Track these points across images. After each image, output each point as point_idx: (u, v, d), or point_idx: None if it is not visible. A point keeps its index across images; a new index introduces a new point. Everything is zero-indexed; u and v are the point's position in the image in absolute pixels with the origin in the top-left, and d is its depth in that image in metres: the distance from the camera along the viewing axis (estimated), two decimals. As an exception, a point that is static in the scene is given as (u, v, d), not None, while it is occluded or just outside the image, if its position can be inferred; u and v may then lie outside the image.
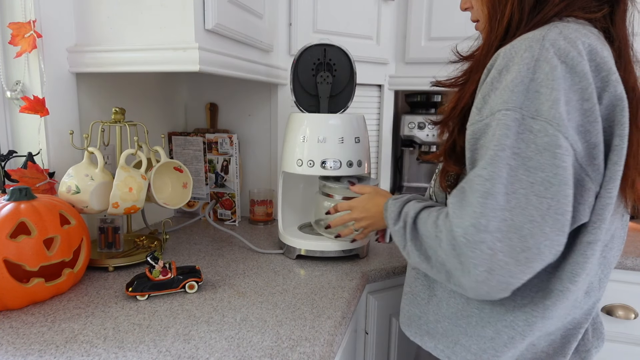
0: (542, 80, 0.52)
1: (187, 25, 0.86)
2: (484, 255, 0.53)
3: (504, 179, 0.52)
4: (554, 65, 0.52)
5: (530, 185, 0.52)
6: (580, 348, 0.68)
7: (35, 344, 0.63)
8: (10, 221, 0.72)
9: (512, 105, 0.53)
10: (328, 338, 0.67)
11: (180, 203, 1.02)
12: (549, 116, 0.51)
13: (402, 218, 0.68)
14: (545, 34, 0.54)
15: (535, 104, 0.52)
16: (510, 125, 0.53)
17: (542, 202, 0.51)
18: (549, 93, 0.51)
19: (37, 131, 0.94)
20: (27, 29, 0.88)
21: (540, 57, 0.53)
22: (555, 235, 0.52)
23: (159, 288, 0.79)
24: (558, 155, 0.51)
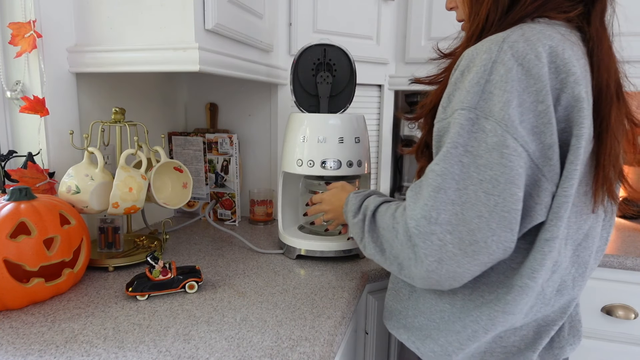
0: (496, 81, 0.54)
1: (187, 25, 0.86)
2: (434, 246, 0.56)
3: (456, 174, 0.55)
4: (510, 67, 0.53)
5: (480, 182, 0.54)
6: (554, 345, 0.69)
7: (35, 344, 0.63)
8: (10, 221, 0.72)
9: (467, 105, 0.55)
10: (328, 338, 0.67)
11: (180, 203, 1.02)
12: (499, 117, 0.53)
13: (361, 211, 0.71)
14: (506, 36, 0.55)
15: (489, 104, 0.54)
16: (464, 124, 0.55)
17: (489, 199, 0.54)
18: (502, 94, 0.53)
19: (37, 131, 0.94)
20: (27, 29, 0.88)
21: (497, 59, 0.54)
22: (502, 231, 0.55)
23: (159, 288, 0.79)
24: (505, 155, 0.53)
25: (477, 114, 0.54)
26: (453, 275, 0.58)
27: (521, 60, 0.54)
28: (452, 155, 0.55)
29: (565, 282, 0.65)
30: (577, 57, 0.56)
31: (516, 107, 0.53)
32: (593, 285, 1.10)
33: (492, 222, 0.54)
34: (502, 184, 0.53)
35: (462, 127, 0.55)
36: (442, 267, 0.57)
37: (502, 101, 0.53)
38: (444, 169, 0.55)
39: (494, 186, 0.54)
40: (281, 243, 1.06)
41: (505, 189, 0.53)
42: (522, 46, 0.54)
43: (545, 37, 0.55)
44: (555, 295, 0.65)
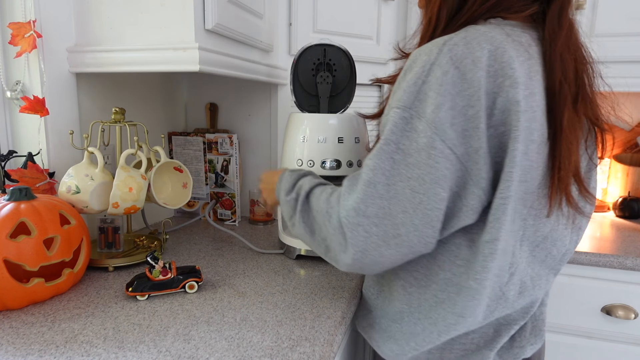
0: (432, 83, 0.55)
1: (187, 25, 0.86)
2: (360, 237, 0.59)
3: (387, 170, 0.57)
4: (446, 70, 0.54)
5: (407, 179, 0.56)
6: (515, 344, 0.70)
7: (35, 344, 0.63)
8: (10, 221, 0.72)
9: (403, 104, 0.57)
10: (328, 338, 0.67)
11: (180, 203, 1.02)
12: (431, 119, 0.54)
13: (295, 190, 0.72)
14: (448, 39, 0.56)
15: (423, 105, 0.55)
16: (398, 122, 0.57)
17: (415, 196, 0.56)
18: (435, 97, 0.54)
19: (37, 131, 0.94)
20: (27, 29, 0.88)
21: (436, 62, 0.55)
22: (424, 227, 0.58)
23: (159, 288, 0.79)
24: (432, 156, 0.55)
25: (412, 114, 0.56)
26: (375, 263, 0.62)
27: (458, 63, 0.54)
28: (385, 151, 0.57)
29: (525, 283, 0.65)
30: (523, 58, 0.56)
31: (448, 110, 0.54)
32: (593, 285, 1.10)
33: (415, 219, 0.57)
34: (428, 183, 0.56)
35: (396, 125, 0.57)
36: (366, 257, 0.60)
37: (435, 103, 0.54)
38: (376, 164, 0.58)
39: (420, 184, 0.56)
40: (281, 243, 1.06)
41: (430, 188, 0.56)
42: (460, 50, 0.55)
43: (486, 39, 0.55)
44: (517, 297, 0.65)
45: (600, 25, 1.25)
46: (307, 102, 1.05)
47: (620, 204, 1.44)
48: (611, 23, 1.25)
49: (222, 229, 1.13)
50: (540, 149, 0.58)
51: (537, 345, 0.71)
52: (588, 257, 1.08)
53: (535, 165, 0.59)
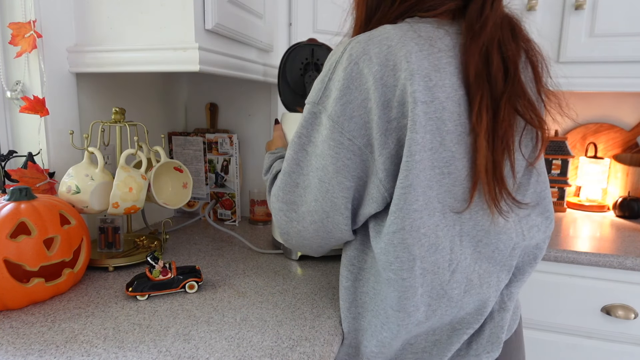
0: (335, 80, 0.59)
1: (187, 26, 0.86)
2: (283, 222, 0.69)
3: (300, 161, 0.63)
4: (345, 67, 0.58)
5: (316, 169, 0.62)
6: (470, 352, 0.67)
7: (35, 344, 0.63)
8: (11, 221, 0.72)
9: (312, 100, 0.62)
10: (328, 338, 0.67)
11: (180, 203, 1.02)
12: (332, 112, 0.59)
13: (270, 171, 0.78)
14: (353, 39, 0.60)
15: (328, 100, 0.59)
16: (308, 117, 0.62)
17: (322, 185, 0.62)
18: (336, 92, 0.58)
19: (37, 131, 0.94)
20: (27, 29, 0.88)
21: (340, 60, 0.59)
22: (334, 214, 0.63)
23: (159, 288, 0.79)
24: (332, 146, 0.59)
25: (319, 109, 0.61)
26: (303, 245, 0.71)
27: (357, 60, 0.57)
28: (298, 143, 0.63)
29: (472, 281, 0.63)
30: (426, 52, 0.57)
31: (346, 104, 0.58)
32: (593, 285, 1.11)
33: (325, 206, 0.63)
34: (331, 173, 0.60)
35: (306, 119, 0.62)
36: (292, 239, 0.70)
37: (335, 97, 0.58)
38: (290, 155, 0.64)
39: (325, 174, 0.61)
40: (279, 243, 1.06)
41: (334, 177, 0.60)
42: (360, 47, 0.58)
43: (385, 37, 0.57)
44: (463, 296, 0.63)
45: (600, 25, 1.25)
46: (296, 103, 1.03)
47: (620, 204, 1.44)
48: (611, 23, 1.25)
49: (222, 229, 1.13)
50: (461, 140, 0.58)
51: (494, 354, 0.67)
52: (588, 257, 1.08)
53: (458, 156, 0.58)
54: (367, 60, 0.57)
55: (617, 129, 1.56)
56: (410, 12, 0.64)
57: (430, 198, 0.58)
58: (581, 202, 1.55)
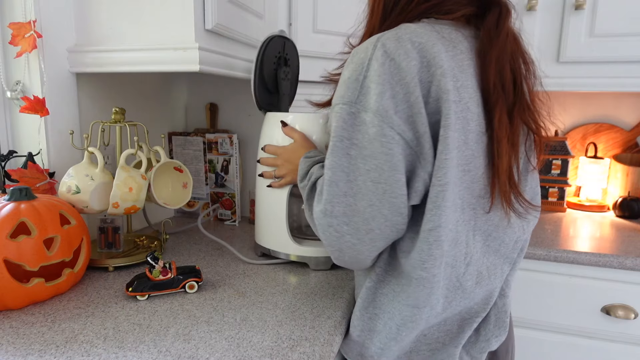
0: (372, 76, 0.57)
1: (187, 25, 0.86)
2: (333, 238, 0.62)
3: (345, 167, 0.59)
4: (382, 62, 0.57)
5: (367, 172, 0.58)
6: (480, 337, 0.70)
7: (35, 344, 0.63)
8: (11, 221, 0.72)
9: (348, 100, 0.59)
10: (328, 338, 0.67)
11: (180, 203, 1.02)
12: (375, 108, 0.57)
13: (307, 177, 0.74)
14: (380, 36, 0.59)
15: (367, 98, 0.57)
16: (347, 118, 0.59)
17: (377, 187, 0.58)
18: (376, 87, 0.57)
19: (37, 131, 0.94)
20: (27, 29, 0.88)
21: (372, 57, 0.58)
22: (393, 216, 0.60)
23: (159, 288, 0.79)
24: (384, 143, 0.57)
25: (358, 108, 0.58)
26: (357, 262, 0.65)
27: (392, 55, 0.57)
28: (339, 148, 0.59)
29: (481, 273, 0.67)
30: (451, 53, 0.59)
31: (390, 98, 0.57)
32: (593, 285, 1.10)
33: (383, 209, 0.59)
34: (387, 171, 0.58)
35: (345, 121, 0.59)
36: (345, 255, 0.64)
37: (376, 93, 0.57)
38: (333, 162, 0.60)
39: (380, 174, 0.58)
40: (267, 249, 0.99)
41: (390, 175, 0.58)
42: (392, 44, 0.58)
43: (415, 35, 0.58)
44: (475, 287, 0.66)
45: (600, 25, 1.25)
46: (266, 100, 0.98)
47: (620, 204, 1.44)
48: (611, 23, 1.25)
49: (215, 238, 1.08)
50: (479, 139, 0.61)
51: (501, 337, 0.71)
52: (588, 257, 1.08)
53: (476, 154, 0.61)
54: (403, 55, 0.57)
55: (617, 129, 1.56)
56: (427, 13, 0.65)
57: (455, 195, 0.61)
58: (581, 202, 1.55)
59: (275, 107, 1.01)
